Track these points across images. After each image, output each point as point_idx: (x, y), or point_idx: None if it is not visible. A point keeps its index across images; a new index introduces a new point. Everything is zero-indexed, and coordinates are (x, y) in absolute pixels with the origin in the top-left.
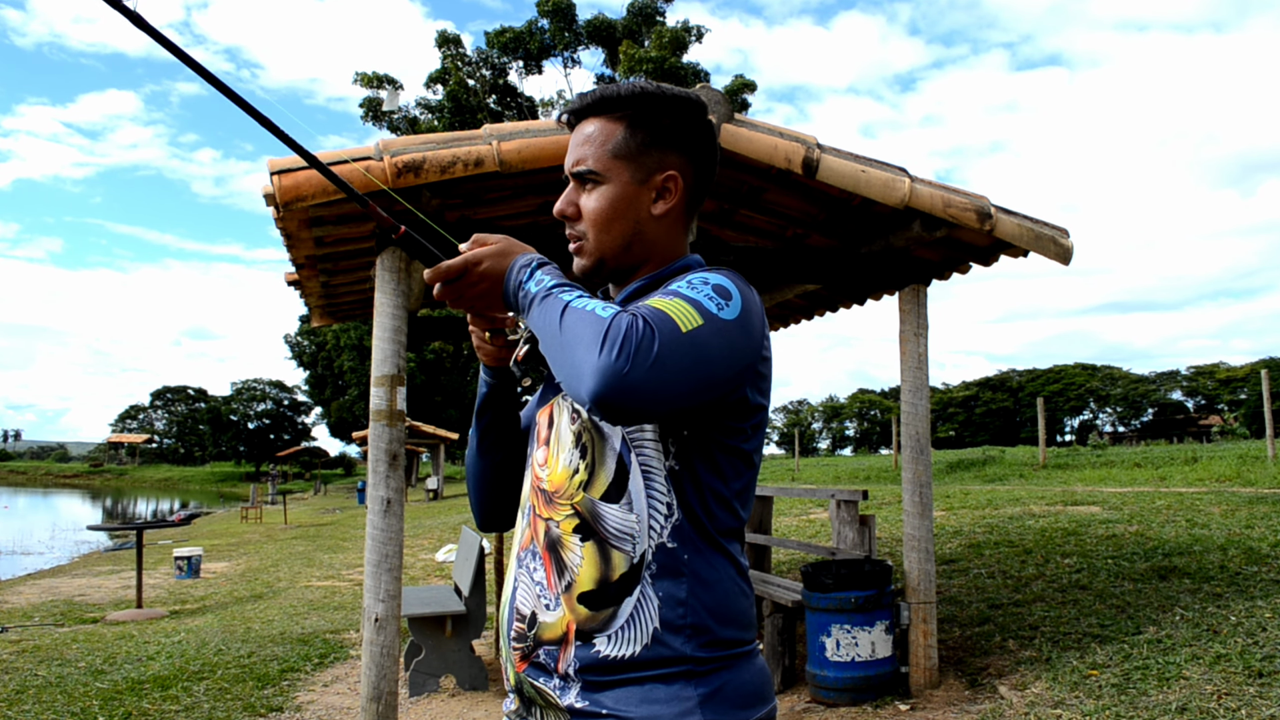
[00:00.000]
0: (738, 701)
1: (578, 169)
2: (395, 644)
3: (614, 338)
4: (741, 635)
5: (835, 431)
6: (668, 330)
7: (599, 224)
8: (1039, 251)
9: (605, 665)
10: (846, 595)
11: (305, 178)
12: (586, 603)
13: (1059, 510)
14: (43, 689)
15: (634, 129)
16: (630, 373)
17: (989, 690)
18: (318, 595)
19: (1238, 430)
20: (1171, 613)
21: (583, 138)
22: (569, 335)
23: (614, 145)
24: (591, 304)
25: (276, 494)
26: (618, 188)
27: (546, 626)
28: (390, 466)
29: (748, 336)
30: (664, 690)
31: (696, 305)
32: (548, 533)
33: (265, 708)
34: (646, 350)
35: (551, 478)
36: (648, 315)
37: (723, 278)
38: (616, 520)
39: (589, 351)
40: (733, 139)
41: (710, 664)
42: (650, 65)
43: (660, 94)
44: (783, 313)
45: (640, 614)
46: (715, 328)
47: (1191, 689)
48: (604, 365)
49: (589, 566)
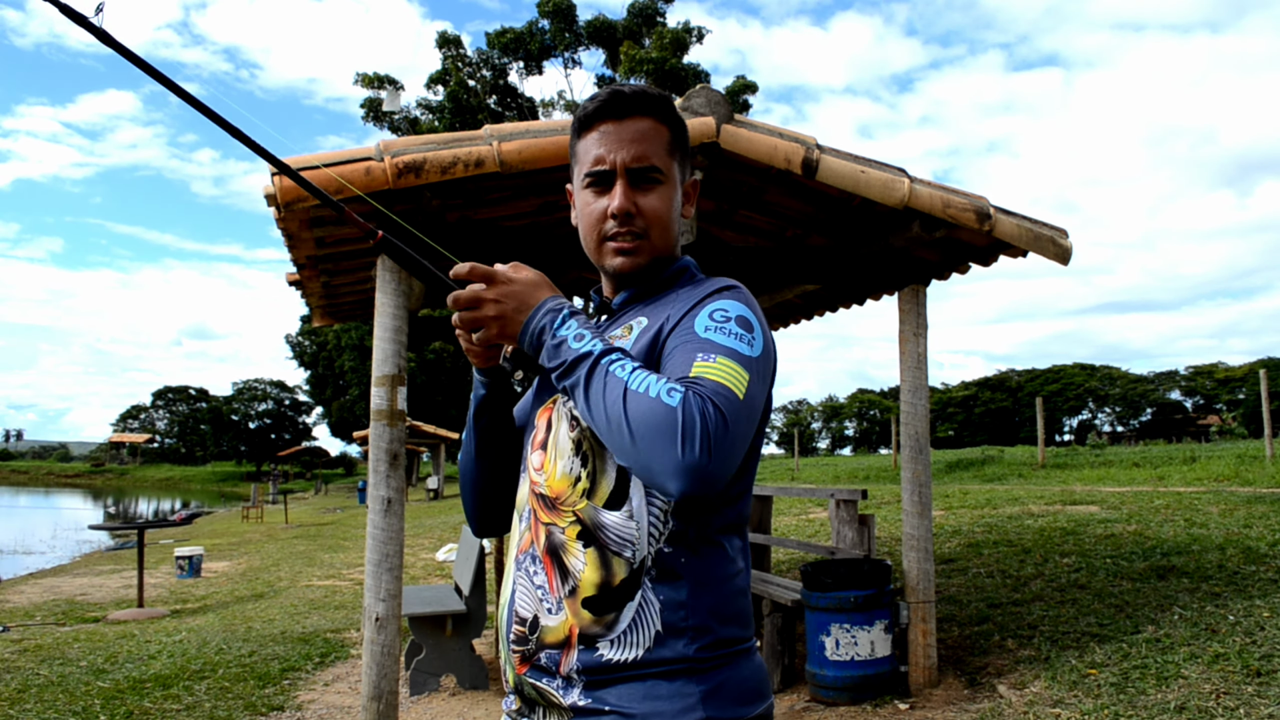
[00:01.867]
0: (738, 698)
1: (640, 165)
2: (396, 643)
3: (691, 431)
4: (741, 633)
5: (835, 431)
6: (732, 406)
7: (661, 223)
8: (1038, 252)
9: (608, 667)
10: (846, 594)
11: (306, 178)
12: (590, 607)
13: (1058, 510)
14: (44, 688)
15: (675, 134)
16: (712, 465)
17: (988, 689)
18: (318, 594)
19: (1236, 430)
20: (1170, 612)
21: (637, 133)
22: (641, 428)
23: (668, 146)
24: (649, 383)
25: (277, 494)
26: (672, 189)
27: (549, 630)
28: (391, 466)
29: (769, 362)
30: (666, 687)
31: (736, 357)
32: (550, 537)
33: (266, 707)
34: (721, 437)
35: (550, 483)
36: (711, 394)
37: (738, 305)
38: (618, 527)
39: (669, 449)
40: (732, 140)
41: (711, 662)
42: (651, 66)
43: (673, 103)
44: (782, 313)
45: (642, 618)
46: (755, 374)
47: (1190, 688)
48: (689, 465)
49: (591, 571)
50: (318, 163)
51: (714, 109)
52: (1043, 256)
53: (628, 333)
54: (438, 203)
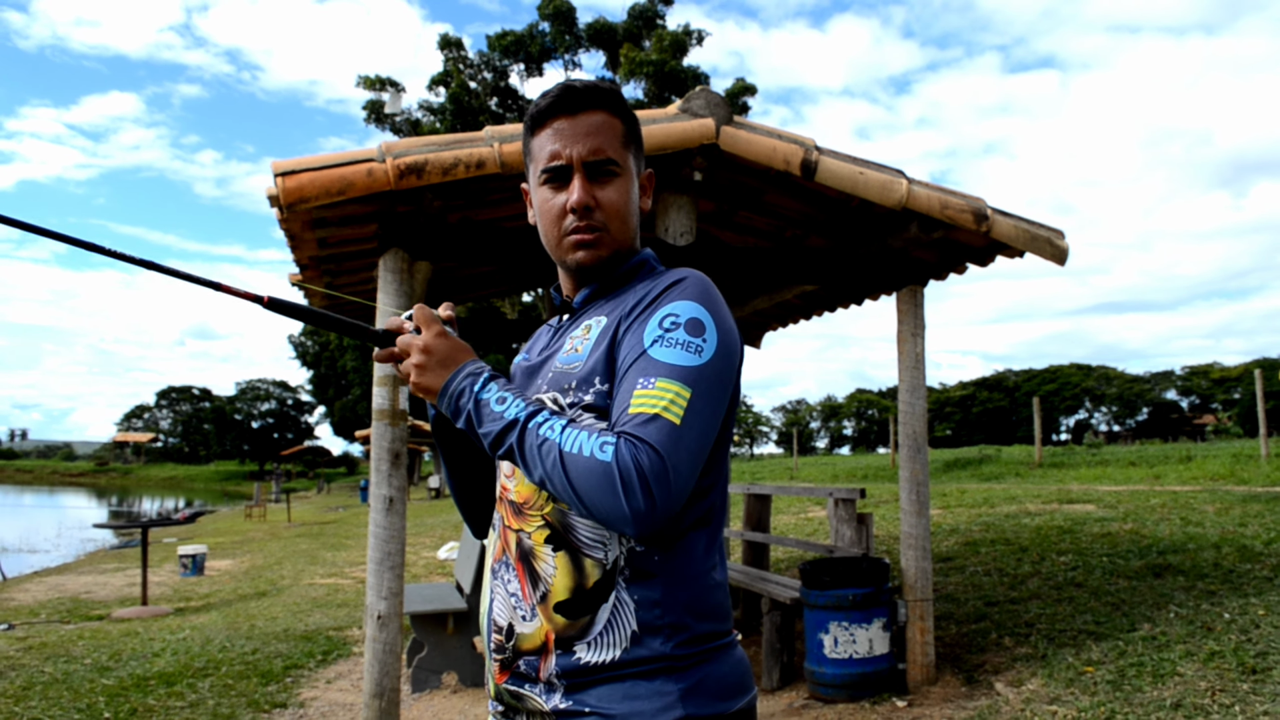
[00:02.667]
0: (718, 693)
1: (597, 158)
2: (398, 641)
3: (629, 482)
4: (719, 628)
5: (833, 431)
6: (668, 439)
7: (620, 216)
8: (1035, 252)
9: (586, 670)
10: (844, 593)
11: (309, 179)
12: (563, 612)
13: (1054, 509)
14: (49, 685)
15: (629, 126)
16: (659, 506)
17: (985, 687)
18: (321, 593)
19: (1232, 429)
20: (1166, 610)
21: (592, 126)
22: (584, 487)
23: (622, 138)
24: (581, 441)
25: (280, 492)
26: (629, 181)
27: (525, 637)
28: (393, 465)
29: (728, 359)
30: (645, 686)
31: (678, 374)
32: (519, 544)
33: (269, 704)
34: (661, 477)
35: (519, 489)
36: (645, 435)
37: (689, 305)
38: (587, 529)
39: (614, 503)
40: (731, 141)
41: (690, 659)
42: (650, 68)
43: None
44: (781, 313)
45: (617, 619)
46: (703, 385)
47: (1186, 685)
48: (635, 514)
49: (563, 576)
50: (320, 164)
51: (713, 110)
52: (1040, 257)
53: (586, 333)
54: (439, 204)
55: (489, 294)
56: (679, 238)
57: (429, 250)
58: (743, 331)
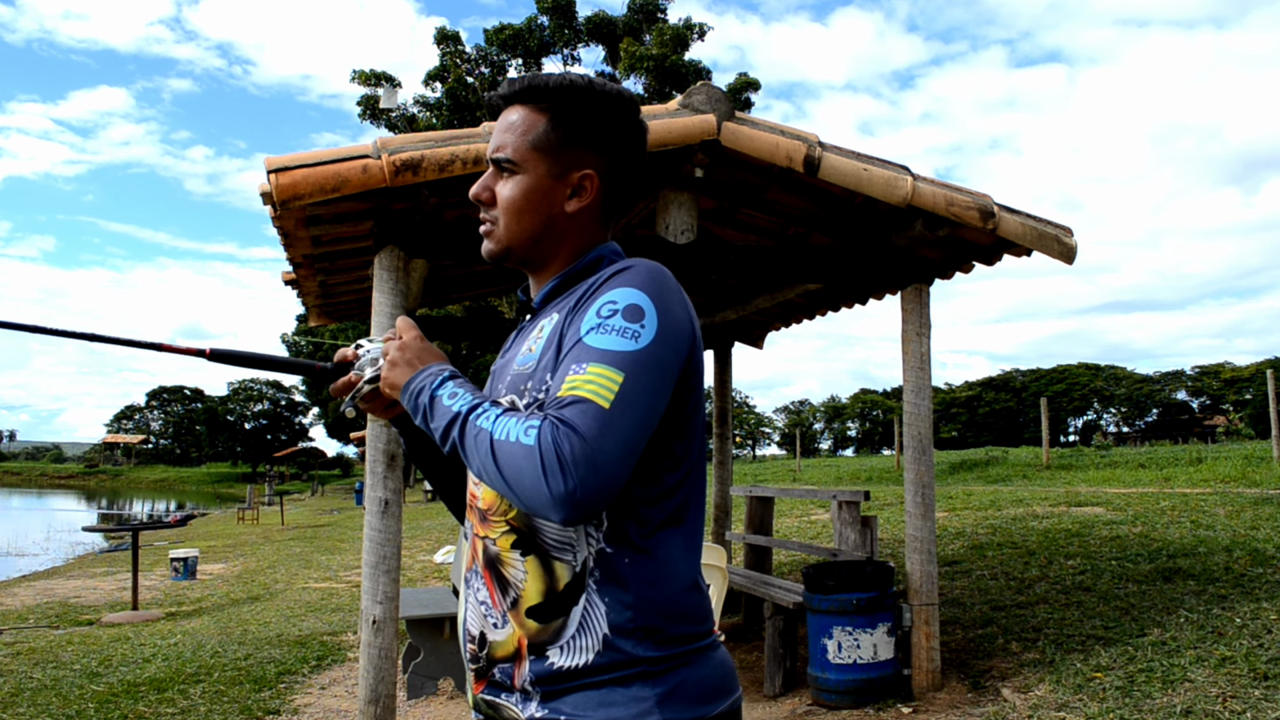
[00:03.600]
0: (696, 698)
1: (497, 155)
2: (393, 646)
3: (549, 464)
4: (695, 630)
5: (837, 432)
6: (592, 421)
7: (511, 213)
8: (1043, 251)
9: (560, 675)
10: (848, 597)
11: (303, 176)
12: (535, 616)
13: (1062, 511)
14: (38, 691)
15: (556, 123)
16: (581, 488)
17: (992, 693)
18: (315, 597)
19: (1243, 431)
20: (1176, 614)
21: (506, 124)
22: (510, 472)
23: (534, 137)
24: (509, 427)
25: (274, 495)
26: (533, 180)
27: (497, 645)
28: (388, 467)
29: (671, 346)
30: (621, 693)
31: (609, 359)
32: (485, 551)
33: (262, 710)
34: (582, 459)
35: (485, 495)
36: (567, 417)
37: (629, 291)
38: (554, 531)
39: (537, 486)
40: (734, 137)
41: (665, 663)
42: (651, 63)
43: (589, 90)
44: (784, 312)
45: (589, 621)
46: (638, 369)
47: (1196, 691)
48: (557, 496)
49: (533, 580)
50: (314, 160)
51: (715, 106)
52: (1047, 255)
53: (540, 333)
54: (435, 200)
55: (486, 293)
56: (680, 235)
57: (425, 248)
58: (745, 331)
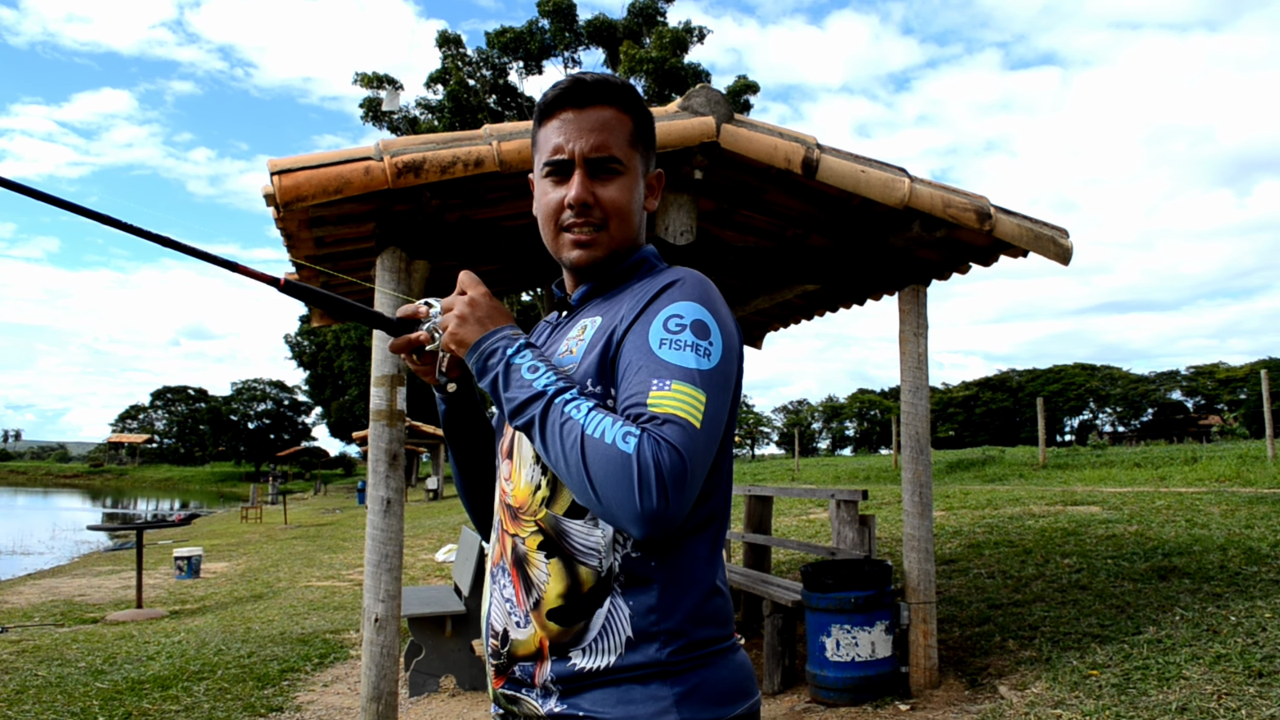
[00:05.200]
0: (715, 699)
1: (599, 155)
2: (395, 644)
3: (647, 479)
4: (718, 633)
5: (835, 431)
6: (690, 441)
7: (620, 215)
8: (1039, 252)
9: (582, 675)
10: (846, 595)
11: (306, 178)
12: (556, 619)
13: (1059, 510)
14: (43, 689)
15: (639, 124)
16: (671, 509)
17: (989, 690)
18: (318, 595)
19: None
20: (1171, 613)
21: (598, 122)
22: (599, 475)
23: (630, 137)
24: (605, 426)
25: (277, 494)
26: (633, 179)
27: (519, 644)
28: (390, 466)
29: (733, 363)
30: (640, 691)
31: (692, 379)
32: (514, 549)
33: (265, 708)
34: (680, 480)
35: (515, 493)
36: (667, 435)
37: (692, 306)
38: (581, 536)
39: (628, 497)
40: (732, 139)
41: (686, 665)
42: (651, 65)
43: (639, 93)
44: (782, 312)
45: (612, 625)
46: (713, 389)
47: (1191, 689)
48: (648, 514)
49: (555, 582)
50: (317, 162)
51: (714, 108)
52: (1043, 256)
53: (581, 333)
54: (437, 202)
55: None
56: (679, 236)
57: (427, 249)
58: (743, 331)
